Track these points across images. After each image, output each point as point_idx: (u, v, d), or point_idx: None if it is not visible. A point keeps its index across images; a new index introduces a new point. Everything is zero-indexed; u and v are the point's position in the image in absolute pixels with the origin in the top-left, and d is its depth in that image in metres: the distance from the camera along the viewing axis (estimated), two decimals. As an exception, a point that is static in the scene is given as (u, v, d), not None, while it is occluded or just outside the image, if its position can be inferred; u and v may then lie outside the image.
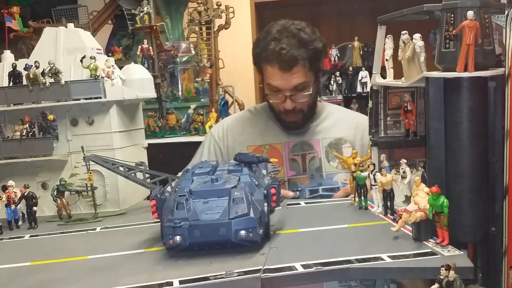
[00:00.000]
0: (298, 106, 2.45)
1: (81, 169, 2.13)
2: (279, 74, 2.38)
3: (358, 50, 5.01)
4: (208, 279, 1.24)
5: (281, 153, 2.56)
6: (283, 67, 2.36)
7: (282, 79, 2.38)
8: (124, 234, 1.80)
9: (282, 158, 2.54)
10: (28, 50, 4.41)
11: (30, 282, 1.38)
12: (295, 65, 2.36)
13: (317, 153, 2.54)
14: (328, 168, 2.53)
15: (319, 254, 1.36)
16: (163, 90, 4.54)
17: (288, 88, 2.39)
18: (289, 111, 2.45)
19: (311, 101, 2.51)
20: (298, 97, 2.42)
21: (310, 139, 2.57)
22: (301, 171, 2.53)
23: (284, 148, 2.56)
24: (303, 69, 2.38)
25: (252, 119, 2.71)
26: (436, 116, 1.47)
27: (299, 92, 2.41)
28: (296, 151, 2.56)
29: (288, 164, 2.54)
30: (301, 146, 2.56)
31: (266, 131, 2.63)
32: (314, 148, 2.55)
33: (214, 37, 4.57)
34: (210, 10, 4.47)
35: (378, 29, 1.87)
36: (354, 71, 4.98)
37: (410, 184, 1.67)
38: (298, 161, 2.56)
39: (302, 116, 2.52)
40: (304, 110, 2.49)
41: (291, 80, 2.37)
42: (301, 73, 2.38)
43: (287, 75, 2.37)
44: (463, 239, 1.44)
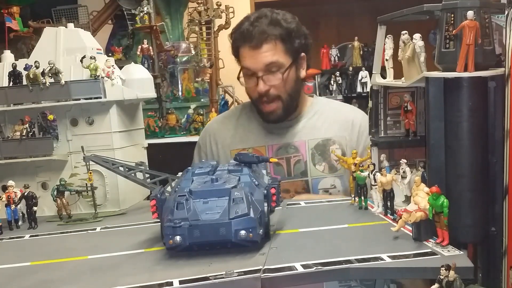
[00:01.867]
0: (273, 92, 2.36)
1: (81, 169, 2.13)
2: (250, 53, 2.35)
3: (358, 50, 5.01)
4: (208, 279, 1.24)
5: None
6: (253, 45, 2.32)
7: (252, 57, 2.34)
8: (124, 234, 1.80)
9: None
10: (28, 50, 4.41)
11: (30, 282, 1.38)
12: (265, 42, 2.31)
13: (303, 156, 2.45)
14: (314, 172, 2.44)
15: (319, 254, 1.36)
16: (163, 90, 4.54)
17: (258, 67, 2.33)
18: (264, 96, 2.36)
19: (291, 89, 2.40)
20: (270, 79, 2.34)
21: (295, 141, 2.48)
22: (286, 175, 2.45)
23: (268, 152, 2.49)
24: (274, 47, 2.33)
25: (235, 120, 2.64)
26: (436, 116, 1.47)
27: (272, 73, 2.34)
28: (281, 154, 2.47)
29: (272, 169, 2.43)
30: (286, 148, 2.48)
31: (249, 132, 2.55)
32: (300, 151, 2.46)
33: (214, 37, 4.57)
34: (210, 10, 4.47)
35: (378, 29, 1.88)
36: (354, 71, 4.98)
37: (410, 184, 1.67)
38: (282, 165, 2.46)
39: (282, 105, 2.41)
40: (282, 97, 2.39)
41: (261, 58, 2.32)
42: (272, 52, 2.32)
43: (257, 53, 2.33)
44: (463, 239, 1.44)
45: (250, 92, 2.45)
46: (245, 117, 2.62)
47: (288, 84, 2.39)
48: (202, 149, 2.69)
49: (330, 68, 5.10)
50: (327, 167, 2.48)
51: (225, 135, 2.61)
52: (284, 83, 2.37)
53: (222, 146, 2.59)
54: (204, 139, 2.71)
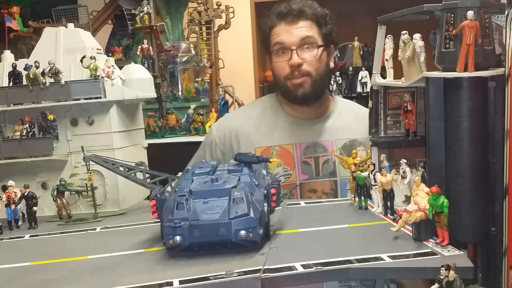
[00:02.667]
0: (305, 67, 2.37)
1: (81, 169, 2.13)
2: (285, 29, 2.39)
3: (358, 50, 5.01)
4: (208, 279, 1.24)
5: (292, 155, 2.43)
6: (290, 20, 2.39)
7: (288, 32, 2.39)
8: (124, 234, 1.80)
9: (293, 161, 2.41)
10: (28, 50, 4.40)
11: (30, 282, 1.38)
12: (301, 18, 2.38)
13: (331, 156, 2.42)
14: (342, 173, 2.38)
15: (319, 254, 1.36)
16: (163, 90, 4.54)
17: (293, 41, 2.37)
18: (296, 71, 2.36)
19: (322, 70, 2.42)
20: (304, 53, 2.37)
21: (323, 140, 2.44)
22: (313, 175, 2.41)
23: (296, 150, 2.43)
24: (310, 25, 2.39)
25: (258, 115, 2.56)
26: (436, 116, 1.47)
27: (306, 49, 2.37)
28: (309, 153, 2.43)
29: (300, 167, 2.41)
30: (314, 147, 2.44)
31: (274, 128, 2.48)
32: (328, 150, 2.43)
33: (214, 37, 4.57)
34: (210, 10, 4.47)
35: (378, 29, 1.88)
36: (354, 71, 4.98)
37: (410, 184, 1.67)
38: (310, 164, 2.42)
39: (310, 81, 2.39)
40: (312, 73, 2.38)
41: (297, 32, 2.37)
42: (308, 28, 2.39)
43: (293, 28, 2.38)
44: (463, 239, 1.44)
45: (280, 69, 2.43)
46: (270, 113, 2.55)
47: (319, 64, 2.41)
48: (219, 146, 2.54)
49: (330, 68, 5.09)
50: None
51: (247, 132, 2.49)
52: (316, 60, 2.39)
53: (244, 143, 2.47)
54: (222, 134, 2.55)
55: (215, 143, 2.56)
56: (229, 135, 2.53)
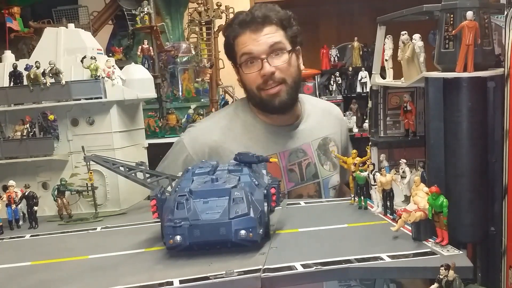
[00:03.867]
0: (279, 74, 2.28)
1: (82, 169, 2.13)
2: (251, 38, 2.29)
3: (357, 50, 5.01)
4: (208, 278, 1.25)
5: (278, 165, 2.35)
6: (254, 28, 2.29)
7: (254, 41, 2.29)
8: (124, 234, 1.80)
9: (280, 171, 2.34)
10: (29, 50, 4.40)
11: (31, 281, 1.38)
12: (266, 24, 2.29)
13: (311, 158, 2.42)
14: (323, 173, 2.43)
15: (319, 253, 1.37)
16: (163, 90, 4.54)
17: (262, 49, 2.27)
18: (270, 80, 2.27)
19: (295, 74, 2.35)
20: (275, 60, 2.28)
21: (302, 144, 2.43)
22: (299, 181, 2.40)
23: (281, 159, 2.36)
24: (275, 30, 2.30)
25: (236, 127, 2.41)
26: (436, 116, 1.48)
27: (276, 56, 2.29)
28: (293, 160, 2.40)
29: (286, 176, 2.37)
30: (296, 153, 2.41)
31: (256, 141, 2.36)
32: (307, 154, 2.43)
33: (214, 38, 4.56)
34: (210, 11, 4.47)
35: (378, 30, 1.88)
36: (354, 71, 4.98)
37: (410, 184, 1.68)
38: (295, 171, 2.40)
39: (286, 89, 2.31)
40: (286, 80, 2.31)
41: (264, 39, 2.28)
42: (274, 33, 2.30)
43: (259, 35, 2.28)
44: (462, 239, 1.45)
45: (252, 81, 2.31)
46: (248, 123, 2.42)
47: (292, 69, 2.34)
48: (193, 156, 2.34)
49: (330, 68, 5.10)
50: (331, 165, 2.49)
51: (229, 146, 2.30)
52: (288, 65, 2.31)
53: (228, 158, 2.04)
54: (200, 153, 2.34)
55: (192, 159, 2.34)
56: (209, 151, 2.35)
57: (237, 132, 2.42)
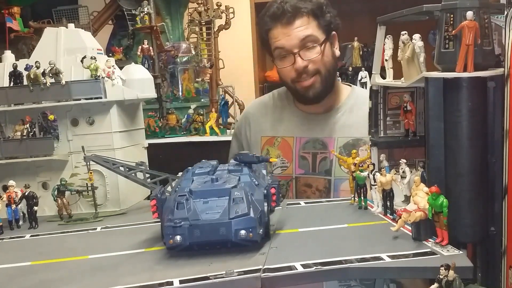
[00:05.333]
0: (312, 66, 2.29)
1: (82, 169, 2.13)
2: (283, 32, 2.29)
3: (357, 50, 5.01)
4: (208, 278, 1.25)
5: (291, 148, 2.43)
6: (285, 22, 2.28)
7: (286, 35, 2.29)
8: (124, 234, 1.80)
9: (291, 154, 2.42)
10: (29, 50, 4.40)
11: (31, 281, 1.38)
12: (297, 17, 2.27)
13: (329, 154, 2.38)
14: (338, 173, 2.35)
15: (319, 253, 1.37)
16: (163, 90, 4.54)
17: (293, 43, 2.27)
18: (303, 73, 2.29)
19: (329, 64, 2.34)
20: (306, 54, 2.28)
21: (324, 137, 2.40)
22: (310, 171, 2.40)
23: (296, 143, 2.43)
24: (307, 22, 2.28)
25: (269, 106, 2.61)
26: (436, 116, 1.48)
27: (308, 49, 2.28)
28: (307, 149, 2.41)
29: (297, 161, 2.41)
30: (314, 143, 2.41)
31: (281, 120, 2.52)
32: (328, 148, 2.39)
33: (214, 38, 4.57)
34: (210, 11, 4.47)
35: (378, 30, 1.88)
36: (354, 71, 4.97)
37: (410, 184, 1.68)
38: (308, 159, 2.41)
39: (320, 79, 2.33)
40: (320, 71, 2.31)
41: (295, 33, 2.27)
42: (305, 26, 2.28)
43: (290, 29, 2.28)
44: (462, 239, 1.44)
45: (286, 74, 2.37)
46: (279, 105, 2.58)
47: (326, 58, 2.33)
48: (237, 132, 2.71)
49: (330, 69, 5.10)
50: None
51: (258, 120, 2.59)
52: (322, 56, 2.31)
53: (254, 131, 2.58)
54: (241, 122, 2.73)
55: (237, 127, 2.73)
56: (245, 121, 2.66)
57: (268, 109, 2.61)
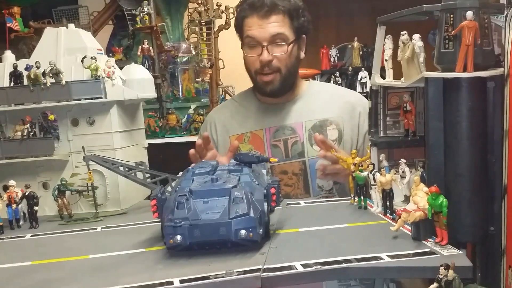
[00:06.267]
0: (275, 63, 2.41)
1: (82, 169, 2.13)
2: (257, 23, 2.39)
3: (357, 51, 5.02)
4: (208, 278, 1.25)
5: (262, 139, 2.53)
6: (262, 14, 2.38)
7: (259, 27, 2.39)
8: (124, 233, 1.80)
9: (263, 145, 2.52)
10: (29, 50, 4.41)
11: (31, 281, 1.38)
12: (274, 12, 2.37)
13: (300, 137, 2.49)
14: (311, 153, 2.47)
15: (318, 253, 1.37)
16: (163, 90, 4.55)
17: (264, 37, 2.38)
18: (266, 67, 2.40)
19: (291, 65, 2.45)
20: (275, 49, 2.39)
21: (292, 122, 2.51)
22: (283, 157, 2.49)
23: (266, 134, 2.52)
24: (282, 19, 2.39)
25: (233, 108, 2.70)
26: (436, 116, 1.48)
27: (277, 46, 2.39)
28: (278, 137, 2.52)
29: (270, 151, 2.50)
30: (283, 130, 2.51)
31: (247, 117, 2.59)
32: (297, 132, 2.50)
33: (214, 38, 4.57)
34: (210, 11, 4.48)
35: (378, 30, 1.88)
36: (354, 72, 4.99)
37: (410, 184, 1.68)
38: (280, 147, 2.51)
39: (279, 78, 2.45)
40: (281, 70, 2.43)
41: (268, 28, 2.37)
42: (279, 24, 2.38)
43: (265, 22, 2.38)
44: (462, 239, 1.45)
45: (251, 63, 2.48)
46: (243, 104, 2.66)
47: (290, 59, 2.44)
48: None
49: (330, 69, 5.11)
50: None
51: (224, 122, 2.64)
52: (287, 56, 2.42)
53: (221, 133, 2.63)
54: (205, 127, 2.76)
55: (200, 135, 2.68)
56: (209, 126, 2.70)
57: (231, 110, 2.70)
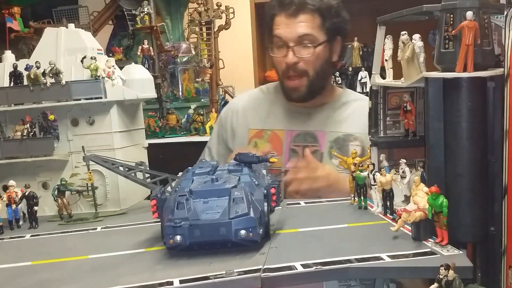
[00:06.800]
0: (302, 66, 2.30)
1: (82, 169, 2.13)
2: (285, 22, 2.28)
3: (357, 51, 5.01)
4: (208, 278, 1.25)
5: (281, 141, 2.43)
6: (290, 13, 2.27)
7: (287, 26, 2.28)
8: (124, 233, 1.80)
9: (281, 147, 2.42)
10: (29, 50, 4.41)
11: (31, 281, 1.38)
12: (302, 11, 2.26)
13: (320, 147, 2.38)
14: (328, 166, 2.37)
15: (319, 253, 1.37)
16: (163, 90, 4.55)
17: (291, 37, 2.27)
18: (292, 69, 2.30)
19: (320, 68, 2.33)
20: (300, 51, 2.28)
21: (315, 130, 2.41)
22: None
23: (286, 136, 2.43)
24: (311, 19, 2.27)
25: (259, 100, 2.59)
26: (436, 116, 1.48)
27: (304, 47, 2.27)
28: (298, 142, 2.41)
29: (287, 154, 2.40)
30: (304, 136, 2.42)
31: (271, 114, 2.50)
32: (318, 141, 2.39)
33: (214, 38, 4.57)
34: (210, 11, 4.48)
35: (378, 30, 1.88)
36: (354, 72, 4.98)
37: (410, 184, 1.68)
38: (298, 153, 2.41)
39: (306, 83, 2.34)
40: (309, 74, 2.32)
41: (296, 28, 2.27)
42: (308, 24, 2.27)
43: (293, 22, 2.27)
44: (462, 239, 1.45)
45: (278, 64, 2.38)
46: (269, 98, 2.57)
47: (318, 61, 2.32)
48: (223, 124, 2.64)
49: (330, 69, 5.09)
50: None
51: (246, 113, 2.56)
52: (314, 58, 2.30)
53: (241, 123, 2.54)
54: (226, 114, 2.66)
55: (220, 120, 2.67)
56: (231, 113, 2.61)
57: (257, 102, 2.59)
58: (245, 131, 2.52)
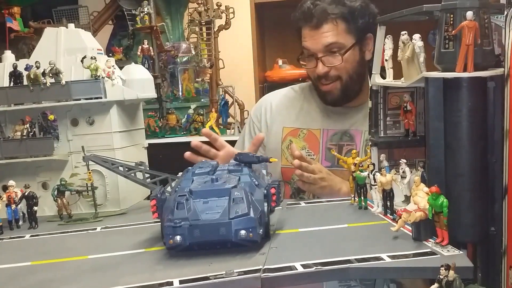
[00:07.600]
0: (333, 73, 2.31)
1: (82, 169, 2.13)
2: (310, 34, 2.29)
3: (358, 51, 5.00)
4: (208, 278, 1.24)
5: (318, 140, 2.43)
6: (313, 25, 2.27)
7: (312, 38, 2.29)
8: (124, 233, 1.80)
9: (318, 146, 2.42)
10: (29, 50, 4.40)
11: (31, 281, 1.38)
12: (325, 22, 2.25)
13: (356, 146, 2.37)
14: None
15: (319, 254, 1.37)
16: (163, 90, 4.54)
17: (318, 48, 2.28)
18: (324, 78, 2.31)
19: (352, 70, 2.33)
20: (329, 60, 2.29)
21: (351, 129, 2.40)
22: (336, 163, 2.38)
23: (323, 136, 2.42)
24: (335, 27, 2.26)
25: (292, 98, 2.58)
26: (436, 116, 1.48)
27: (333, 55, 2.28)
28: (334, 141, 2.41)
29: (324, 154, 2.40)
30: (341, 136, 2.41)
31: (306, 113, 2.49)
32: (355, 140, 2.39)
33: (214, 38, 4.57)
34: (210, 11, 4.47)
35: (378, 30, 1.88)
36: (354, 72, 4.97)
37: (410, 184, 1.68)
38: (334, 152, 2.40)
39: (340, 86, 2.34)
40: (342, 78, 2.32)
41: (321, 39, 2.27)
42: (332, 32, 2.26)
43: (317, 33, 2.27)
44: (462, 239, 1.44)
45: (310, 74, 2.41)
46: (304, 98, 2.56)
47: (349, 65, 2.32)
48: (254, 120, 2.62)
49: (330, 69, 5.09)
50: None
51: (281, 111, 2.54)
52: (345, 64, 2.31)
53: (276, 120, 2.52)
54: (258, 111, 2.63)
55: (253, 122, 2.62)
56: (264, 110, 2.58)
57: (291, 100, 2.57)
58: (279, 128, 2.50)
